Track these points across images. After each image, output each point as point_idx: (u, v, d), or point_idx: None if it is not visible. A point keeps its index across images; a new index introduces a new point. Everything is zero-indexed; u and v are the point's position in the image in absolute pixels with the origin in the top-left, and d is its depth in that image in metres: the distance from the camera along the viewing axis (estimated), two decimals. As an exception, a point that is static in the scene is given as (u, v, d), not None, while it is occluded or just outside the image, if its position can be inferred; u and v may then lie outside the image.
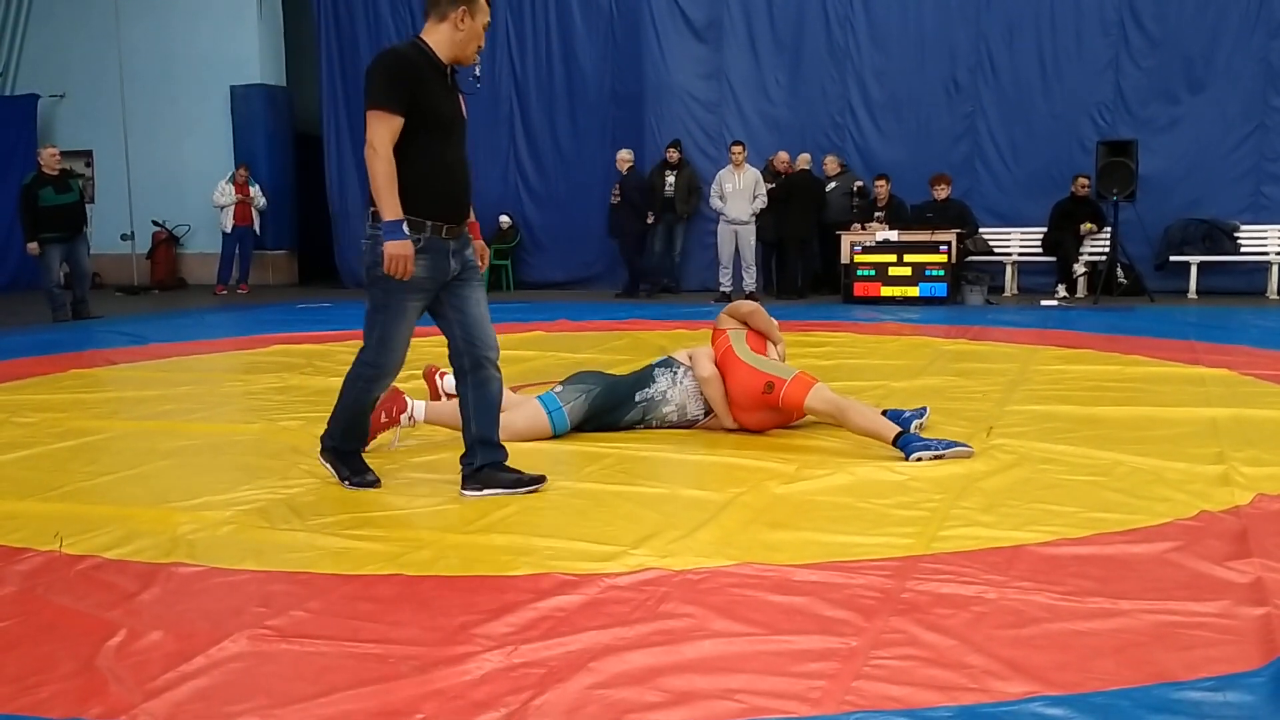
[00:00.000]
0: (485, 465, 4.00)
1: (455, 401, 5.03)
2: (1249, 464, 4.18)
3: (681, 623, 2.68)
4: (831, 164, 13.50)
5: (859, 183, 13.36)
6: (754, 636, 2.60)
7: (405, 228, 3.75)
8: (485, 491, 3.95)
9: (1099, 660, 2.43)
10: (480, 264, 4.10)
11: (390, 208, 3.73)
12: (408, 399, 4.82)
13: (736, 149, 13.02)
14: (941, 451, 4.35)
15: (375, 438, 4.69)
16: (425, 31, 3.91)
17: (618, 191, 13.77)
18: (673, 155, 13.94)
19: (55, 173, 11.39)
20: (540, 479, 4.03)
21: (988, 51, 13.58)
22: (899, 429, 4.50)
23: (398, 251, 3.74)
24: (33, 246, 11.16)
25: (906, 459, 4.32)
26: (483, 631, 2.64)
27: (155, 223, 16.58)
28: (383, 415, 4.74)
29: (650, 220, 13.82)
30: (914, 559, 3.13)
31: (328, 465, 4.15)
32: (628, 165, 13.78)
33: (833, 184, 13.40)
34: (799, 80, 14.31)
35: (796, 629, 2.63)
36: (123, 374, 7.46)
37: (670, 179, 13.90)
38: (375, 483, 4.09)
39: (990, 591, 2.84)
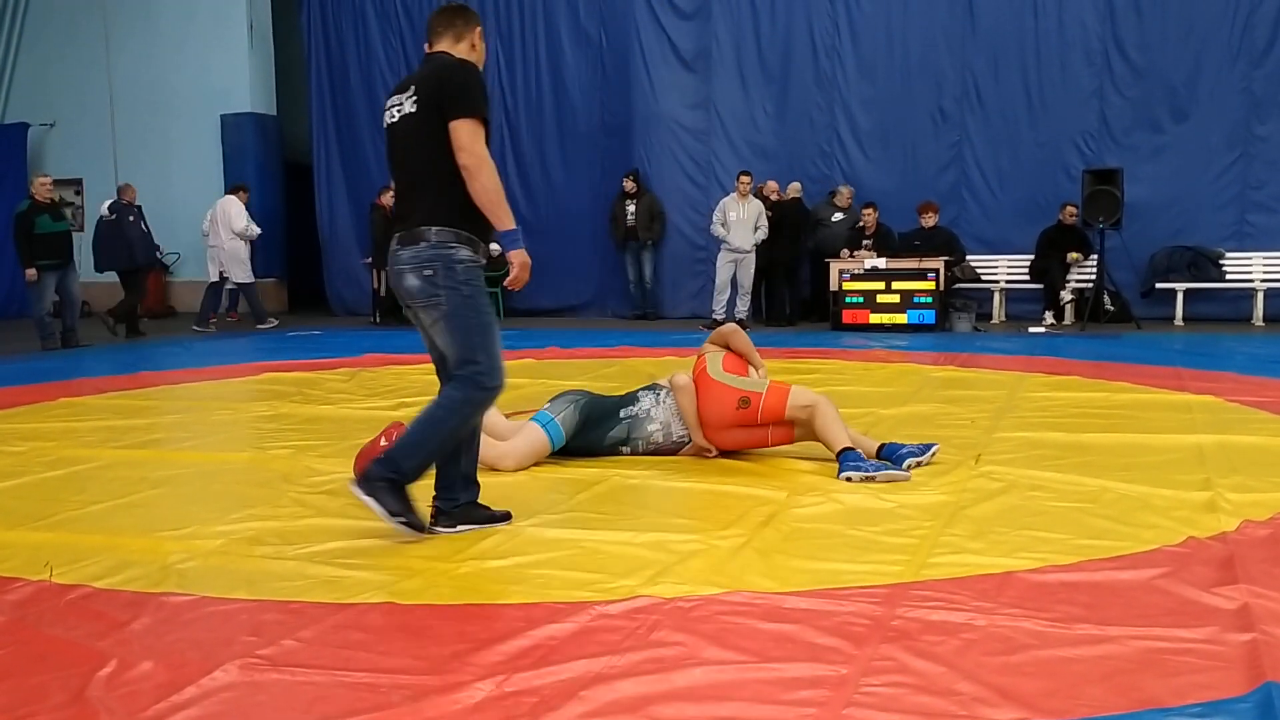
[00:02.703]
0: (468, 502, 3.91)
1: None
2: (1235, 490, 4.20)
3: (672, 651, 2.69)
4: (844, 196, 13.49)
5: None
6: (745, 664, 2.60)
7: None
8: (461, 528, 3.83)
9: (1087, 687, 2.45)
10: None
11: (509, 216, 3.69)
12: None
13: (745, 179, 13.04)
14: (872, 474, 4.37)
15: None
16: (446, 48, 3.82)
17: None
18: (630, 185, 14.17)
19: (49, 201, 11.46)
20: (507, 515, 3.94)
21: (974, 81, 13.70)
22: (847, 445, 4.50)
23: (526, 260, 3.72)
24: (31, 273, 11.25)
25: (836, 476, 4.34)
26: (474, 660, 2.65)
27: (145, 250, 16.58)
28: (381, 440, 4.63)
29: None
30: (903, 586, 3.14)
31: (372, 499, 3.65)
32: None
33: (839, 215, 13.42)
34: (787, 109, 14.41)
35: (787, 657, 2.64)
36: (112, 402, 7.44)
37: (630, 208, 14.17)
38: (421, 526, 3.75)
39: (979, 618, 2.86)
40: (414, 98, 3.73)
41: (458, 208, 3.68)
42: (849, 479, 4.32)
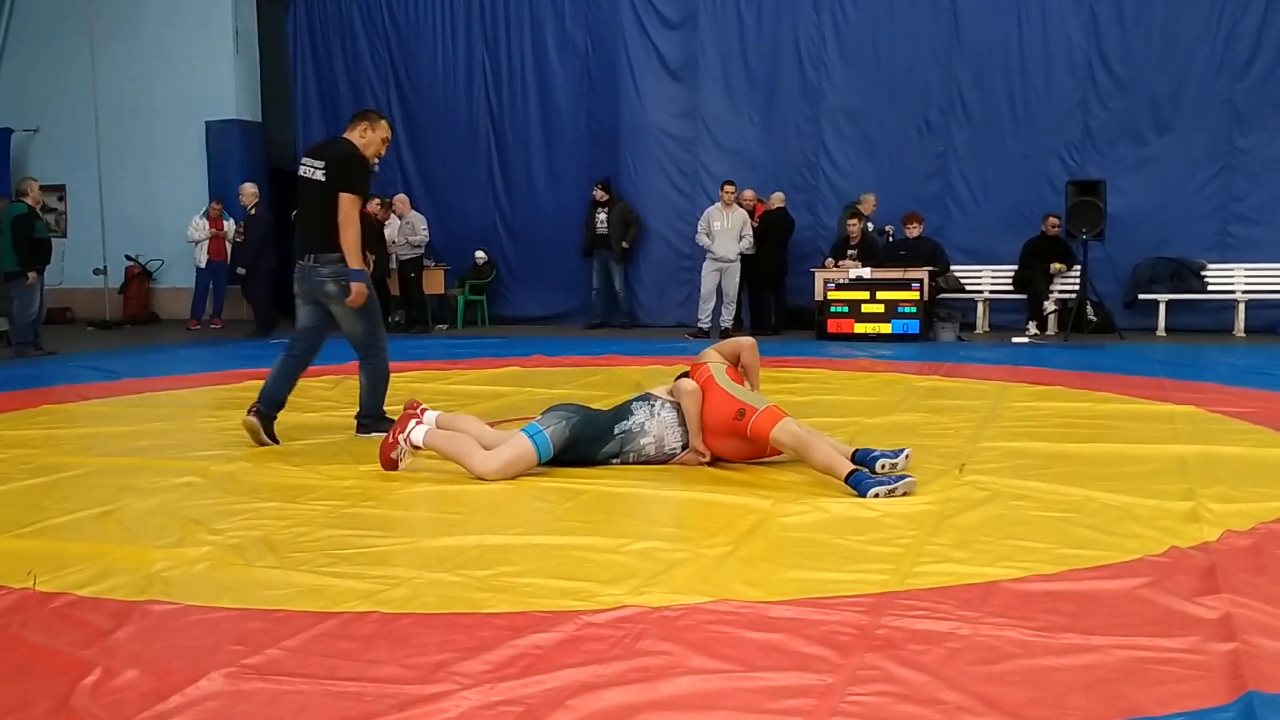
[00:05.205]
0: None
1: (449, 434, 5.09)
2: (1217, 500, 4.23)
3: (659, 660, 2.69)
4: (869, 204, 13.37)
5: (889, 227, 13.36)
6: (731, 673, 2.61)
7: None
8: (374, 434, 5.74)
9: (1071, 696, 2.46)
10: None
11: (359, 259, 5.77)
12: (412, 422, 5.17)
13: (729, 189, 13.04)
14: (894, 485, 4.40)
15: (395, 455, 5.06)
16: (348, 134, 5.83)
17: (241, 230, 14.05)
18: (601, 195, 14.19)
19: (40, 207, 11.51)
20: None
21: (959, 92, 13.78)
22: (852, 467, 4.52)
23: (364, 290, 5.82)
24: (33, 276, 11.25)
25: (863, 496, 4.35)
26: (460, 669, 2.64)
27: (128, 257, 16.50)
28: (389, 437, 5.13)
29: (244, 262, 13.98)
30: (889, 595, 3.15)
31: (374, 433, 5.81)
32: (254, 202, 13.94)
33: (870, 224, 13.37)
34: (773, 118, 14.46)
35: (773, 666, 2.65)
36: (95, 409, 7.41)
37: (602, 217, 14.18)
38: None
39: (964, 628, 2.87)
40: (324, 170, 5.69)
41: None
42: (877, 495, 4.34)
